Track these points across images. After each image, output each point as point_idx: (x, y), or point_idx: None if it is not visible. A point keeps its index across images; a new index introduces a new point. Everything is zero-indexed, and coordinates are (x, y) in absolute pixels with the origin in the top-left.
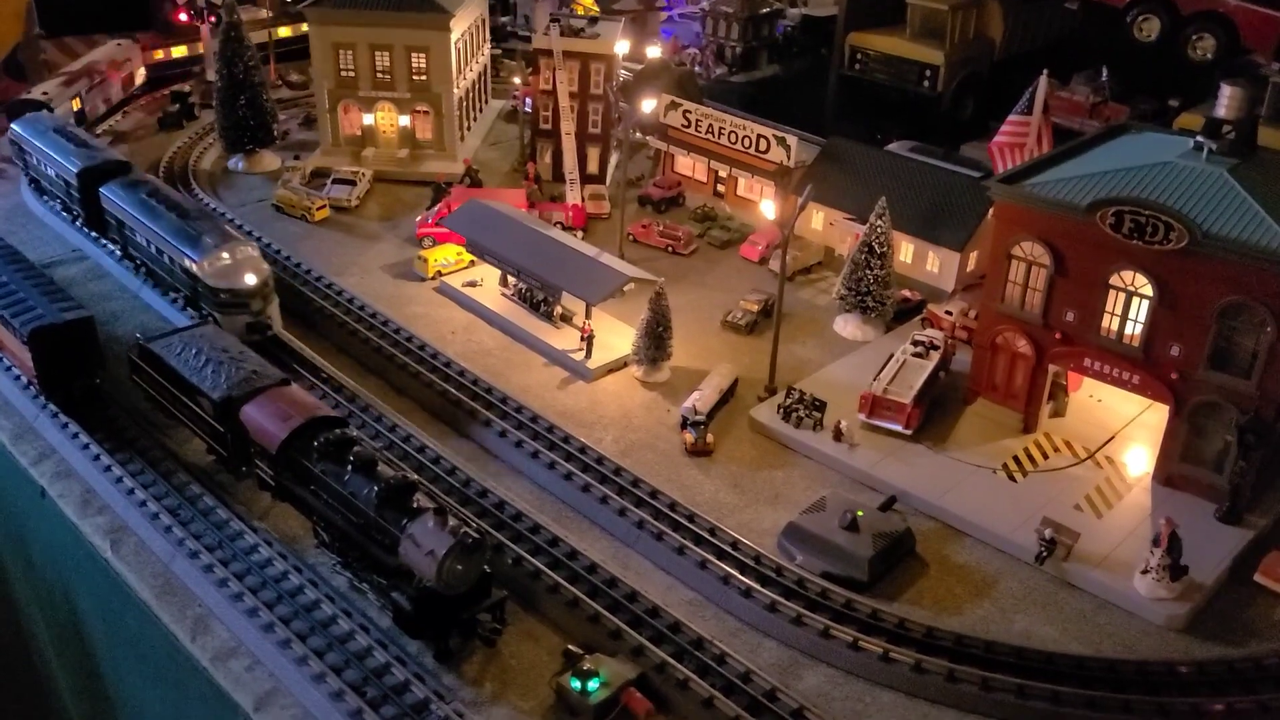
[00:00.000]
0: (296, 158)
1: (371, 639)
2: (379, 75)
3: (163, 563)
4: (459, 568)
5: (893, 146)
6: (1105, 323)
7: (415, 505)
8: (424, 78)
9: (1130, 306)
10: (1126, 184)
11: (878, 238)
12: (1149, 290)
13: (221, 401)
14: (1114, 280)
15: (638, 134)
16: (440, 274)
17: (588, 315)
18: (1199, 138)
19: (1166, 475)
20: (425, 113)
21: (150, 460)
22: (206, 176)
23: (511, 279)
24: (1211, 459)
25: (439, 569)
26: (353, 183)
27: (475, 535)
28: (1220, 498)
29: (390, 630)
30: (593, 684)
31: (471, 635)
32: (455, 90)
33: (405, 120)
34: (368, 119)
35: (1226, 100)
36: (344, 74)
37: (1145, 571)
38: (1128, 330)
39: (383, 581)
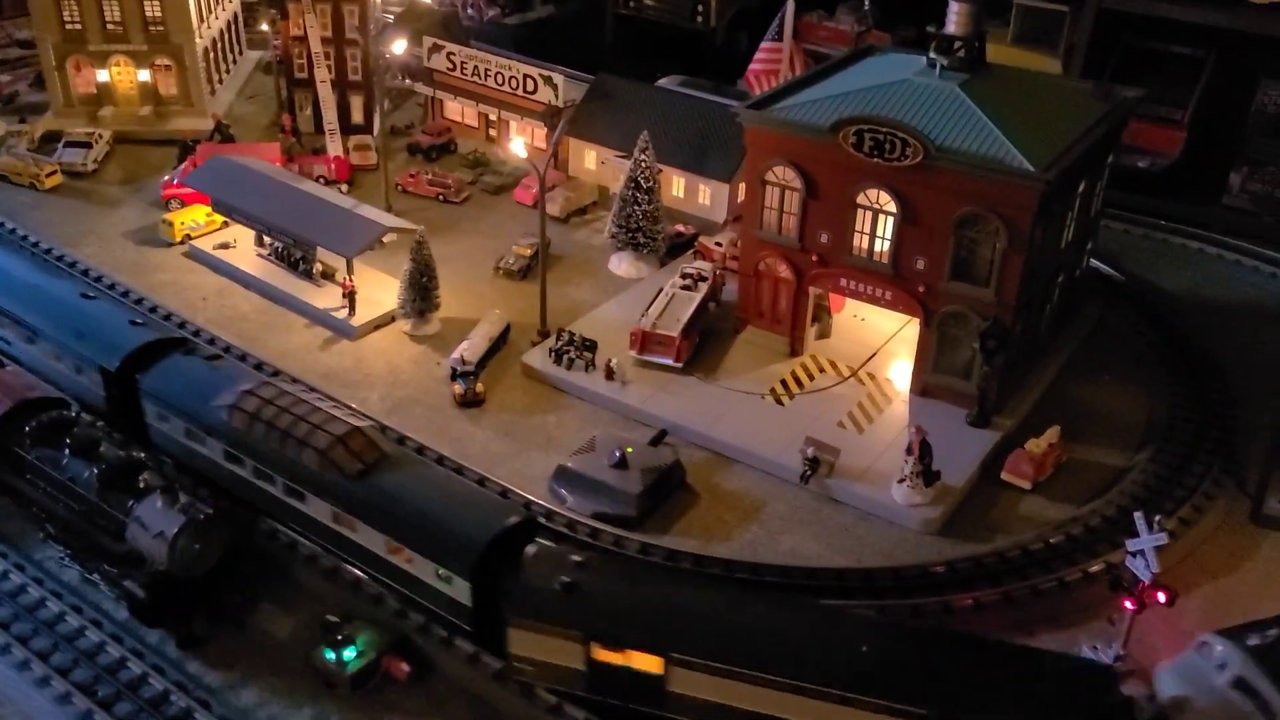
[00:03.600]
0: (22, 121)
1: (104, 633)
2: (110, 26)
3: None
4: (195, 547)
5: (663, 82)
6: (856, 242)
7: (142, 485)
8: (161, 27)
9: (877, 224)
10: (866, 103)
11: (643, 172)
12: (893, 207)
13: None
14: (860, 199)
15: (405, 80)
16: (189, 237)
17: (349, 270)
18: (931, 54)
19: (922, 386)
20: (167, 66)
21: None
22: None
23: (267, 239)
24: (961, 367)
25: (171, 551)
26: (88, 145)
27: (209, 510)
28: (970, 403)
29: (127, 622)
30: (348, 652)
31: (218, 617)
32: (198, 40)
33: (145, 75)
34: (102, 75)
35: (955, 17)
36: (69, 26)
37: (901, 480)
38: (877, 248)
39: (113, 570)
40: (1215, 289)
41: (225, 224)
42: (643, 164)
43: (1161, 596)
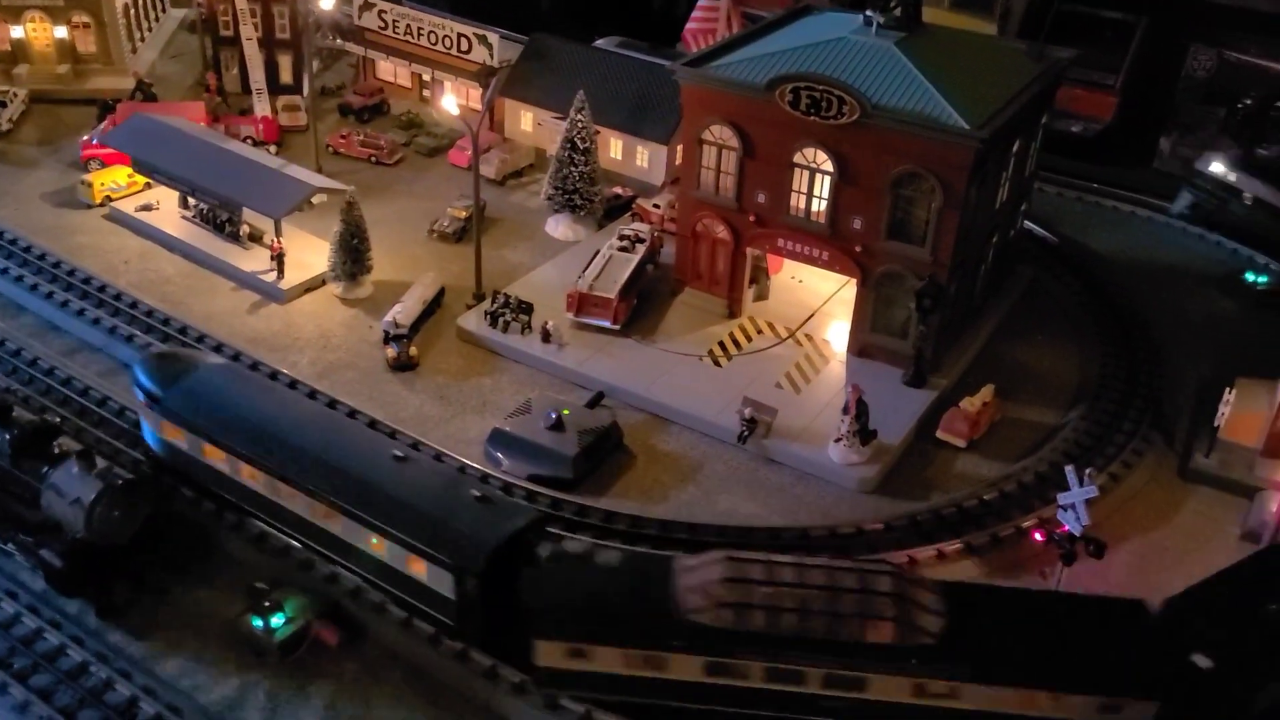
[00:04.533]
0: None
1: (20, 604)
2: None
3: None
4: (114, 514)
5: (600, 43)
6: (793, 202)
7: (57, 451)
8: None
9: (815, 183)
10: (802, 61)
11: (579, 134)
12: (830, 166)
13: None
14: (798, 158)
15: (336, 39)
16: (110, 199)
17: (277, 232)
18: (868, 12)
19: (859, 346)
20: (85, 24)
21: None
22: None
23: (192, 200)
24: (897, 327)
25: (88, 518)
26: (3, 104)
27: (128, 476)
28: (906, 363)
29: (45, 592)
30: (276, 619)
31: (141, 585)
32: None
33: (62, 32)
34: (16, 32)
35: None
36: None
37: (838, 440)
38: (814, 207)
39: (29, 539)
40: (1146, 251)
41: (148, 185)
42: (579, 125)
43: (1091, 550)
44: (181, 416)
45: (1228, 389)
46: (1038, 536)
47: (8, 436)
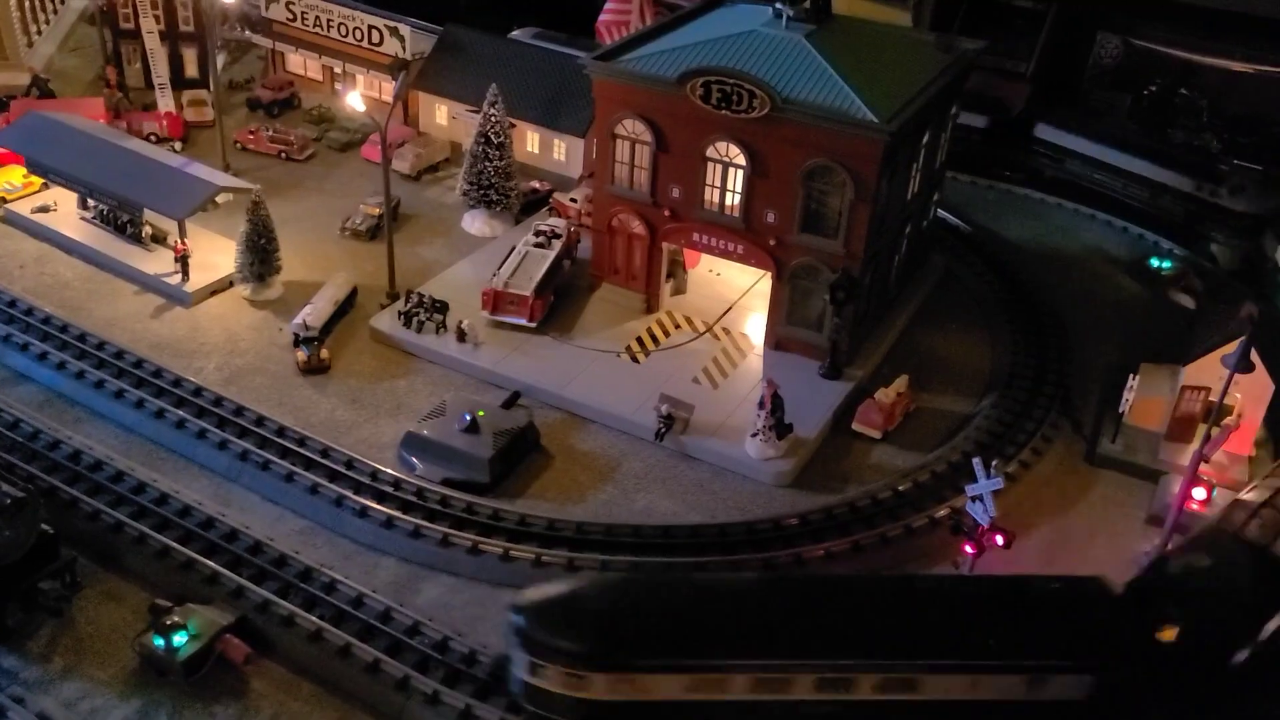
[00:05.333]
0: None
1: None
2: None
3: None
4: (4, 533)
5: (516, 34)
6: (707, 196)
7: None
8: None
9: (728, 177)
10: (713, 55)
11: (493, 128)
12: (742, 160)
13: None
14: (710, 152)
15: (244, 32)
16: (4, 201)
17: (181, 234)
18: (777, 5)
19: (776, 339)
20: None
21: None
22: None
23: (91, 201)
24: (813, 320)
25: None
26: None
27: (18, 494)
28: (822, 355)
29: None
30: (179, 637)
31: (34, 607)
32: None
33: None
34: None
35: None
36: None
37: (754, 434)
38: (728, 201)
39: None
40: (1056, 238)
41: (45, 186)
42: (493, 118)
43: (999, 539)
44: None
45: (1132, 375)
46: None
47: None
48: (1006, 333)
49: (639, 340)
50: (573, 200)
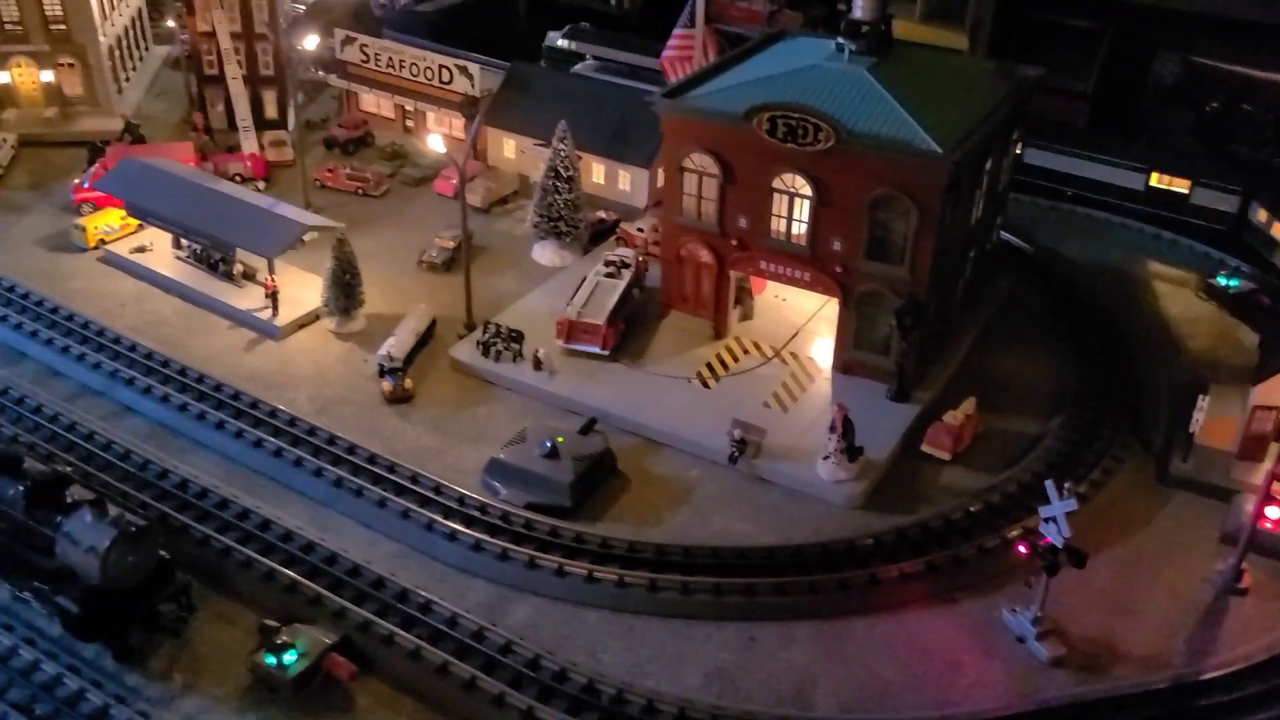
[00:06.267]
0: None
1: (39, 651)
2: (8, 26)
3: None
4: (127, 559)
5: (579, 68)
6: (774, 225)
7: (70, 500)
8: (63, 26)
9: (794, 207)
10: (778, 90)
11: (562, 161)
12: (808, 190)
13: None
14: (777, 184)
15: (318, 73)
16: (104, 242)
17: (270, 271)
18: (839, 39)
19: (843, 363)
20: (70, 65)
21: None
22: None
23: (185, 240)
24: (879, 344)
25: (103, 564)
26: None
27: (141, 522)
28: (889, 379)
29: (62, 638)
30: (289, 656)
31: (155, 628)
32: (102, 38)
33: (48, 76)
34: (3, 77)
35: (862, 2)
36: None
37: (826, 457)
38: (794, 230)
39: (44, 587)
40: (1120, 257)
41: (141, 227)
42: (562, 153)
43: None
44: None
45: (1202, 394)
46: (1021, 549)
47: (21, 488)
48: (1073, 353)
49: (709, 366)
50: (639, 230)
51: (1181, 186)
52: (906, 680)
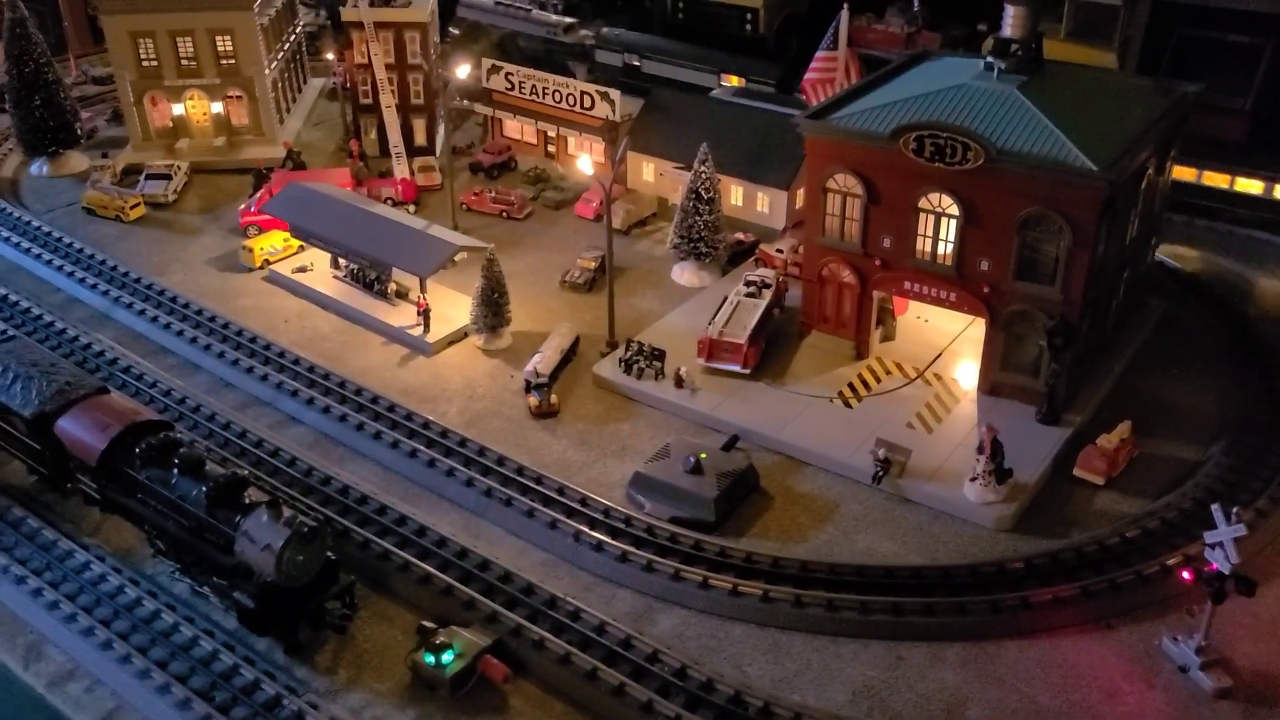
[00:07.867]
0: (105, 156)
1: (217, 642)
2: (184, 62)
3: None
4: (299, 558)
5: (716, 92)
6: (919, 245)
7: (247, 501)
8: (232, 61)
9: (940, 227)
10: (925, 109)
11: (703, 184)
12: (955, 210)
13: (34, 418)
14: (923, 204)
15: (464, 101)
16: (268, 262)
17: (422, 289)
18: (989, 58)
19: (990, 385)
20: (239, 97)
21: None
22: (9, 184)
23: (343, 260)
24: (1028, 365)
25: (278, 562)
26: (168, 177)
27: (312, 524)
28: (1039, 400)
29: (237, 631)
30: (447, 656)
31: (321, 624)
32: (267, 71)
33: (218, 107)
34: (178, 109)
35: (1011, 20)
36: (146, 64)
37: (973, 479)
38: (940, 250)
39: (222, 582)
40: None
41: (302, 248)
42: (703, 175)
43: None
44: None
45: None
46: (1186, 575)
47: (204, 489)
48: (1233, 376)
49: (850, 385)
50: (778, 251)
51: None
52: (1062, 706)
